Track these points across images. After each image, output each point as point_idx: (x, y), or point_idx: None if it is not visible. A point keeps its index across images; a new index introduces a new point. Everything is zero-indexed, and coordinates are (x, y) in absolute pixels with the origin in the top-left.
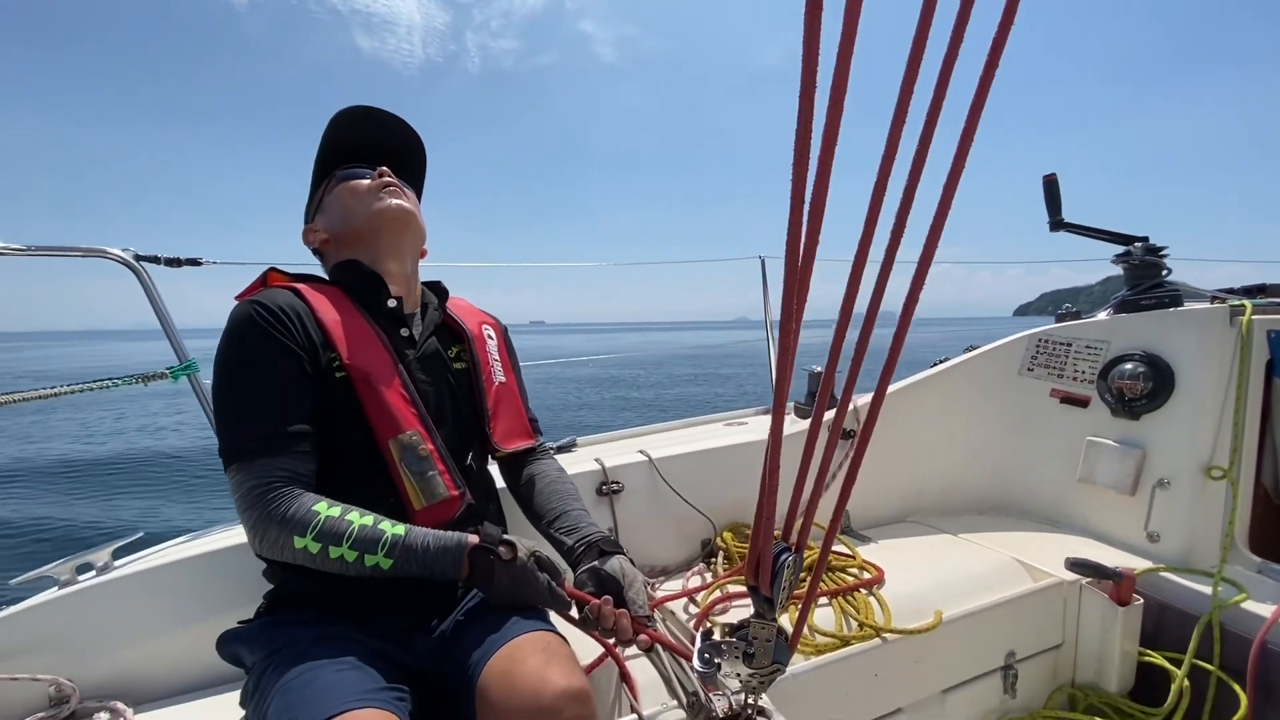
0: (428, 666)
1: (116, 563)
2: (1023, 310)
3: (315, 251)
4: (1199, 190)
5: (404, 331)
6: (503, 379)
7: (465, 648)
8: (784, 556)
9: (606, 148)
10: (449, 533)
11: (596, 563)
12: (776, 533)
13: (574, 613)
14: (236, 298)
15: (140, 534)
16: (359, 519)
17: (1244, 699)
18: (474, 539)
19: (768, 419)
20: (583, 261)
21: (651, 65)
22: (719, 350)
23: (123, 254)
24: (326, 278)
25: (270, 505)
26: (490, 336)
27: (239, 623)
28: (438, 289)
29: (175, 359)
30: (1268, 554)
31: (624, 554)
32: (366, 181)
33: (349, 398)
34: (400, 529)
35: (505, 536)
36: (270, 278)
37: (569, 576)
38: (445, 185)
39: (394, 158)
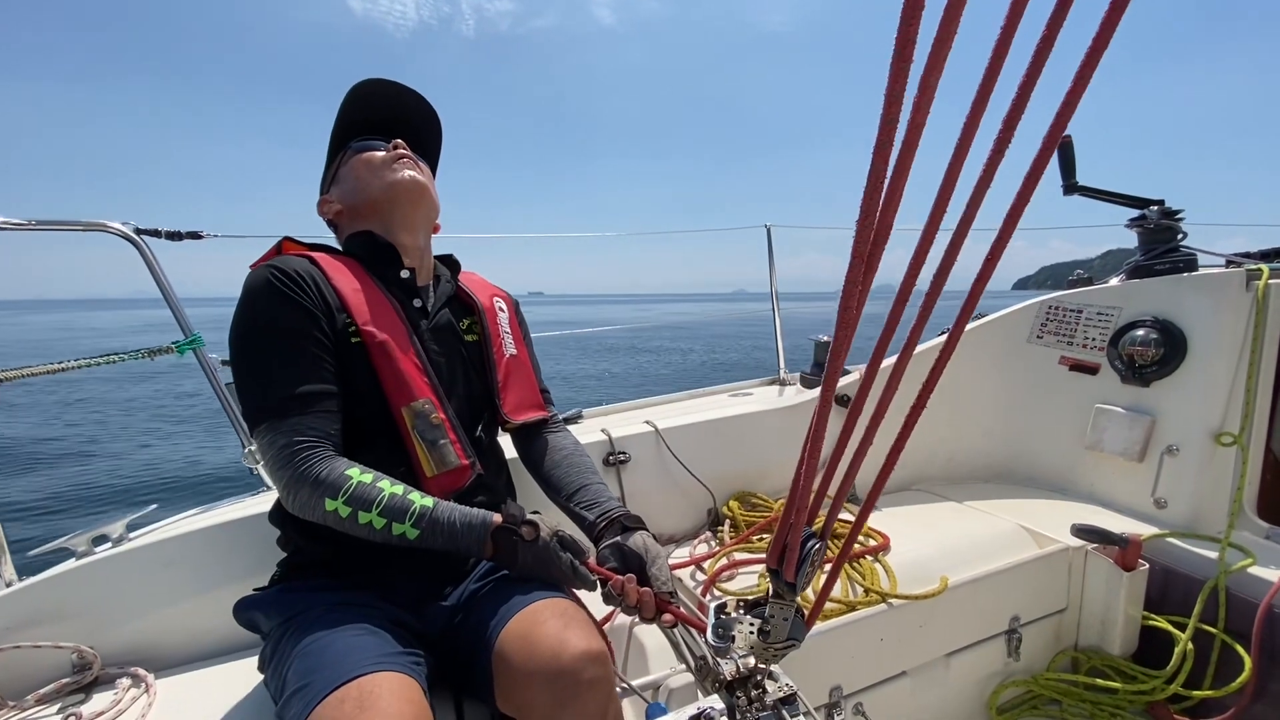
0: (441, 632)
1: (131, 534)
2: (1022, 284)
3: (330, 223)
4: (1216, 159)
5: (416, 303)
6: (514, 351)
7: (481, 613)
8: (810, 544)
9: (606, 113)
10: (475, 510)
11: (619, 538)
12: (784, 502)
13: (598, 590)
14: (252, 266)
15: (154, 506)
16: (390, 487)
17: (1248, 662)
18: (498, 518)
19: (773, 389)
20: (582, 232)
21: (652, 28)
22: (723, 321)
23: (123, 228)
24: (340, 249)
25: (302, 465)
26: (502, 309)
27: (255, 590)
28: (450, 262)
29: (180, 333)
30: (1276, 520)
31: (646, 529)
32: (381, 153)
33: (363, 363)
34: (429, 501)
35: (529, 516)
36: (285, 246)
37: (592, 554)
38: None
39: (410, 132)
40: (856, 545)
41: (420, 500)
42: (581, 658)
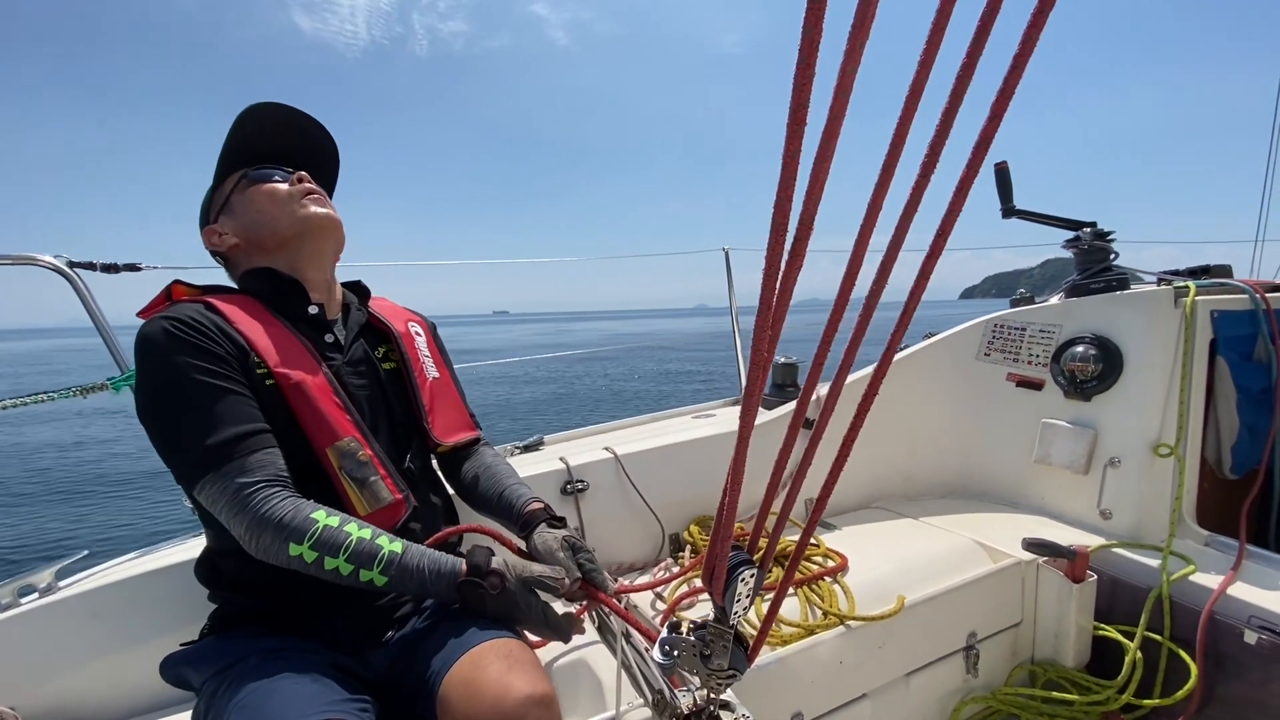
0: (386, 677)
1: (60, 584)
2: (968, 293)
3: (218, 255)
4: (1123, 175)
5: (329, 337)
6: (436, 374)
7: (425, 657)
8: (740, 570)
9: (563, 133)
10: (444, 557)
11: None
12: (743, 528)
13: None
14: (139, 314)
15: (85, 553)
16: (357, 531)
17: (1194, 669)
18: (464, 569)
19: (735, 410)
20: (544, 254)
21: (606, 50)
22: (687, 340)
23: (55, 261)
24: (234, 286)
25: (260, 508)
26: (418, 334)
27: (181, 645)
28: (358, 289)
29: (116, 369)
30: (1214, 527)
31: (555, 523)
32: (285, 186)
33: (281, 407)
34: (398, 546)
35: (494, 565)
36: (175, 291)
37: (567, 573)
38: (393, 175)
39: (309, 163)
40: (814, 567)
41: (389, 545)
42: (525, 702)
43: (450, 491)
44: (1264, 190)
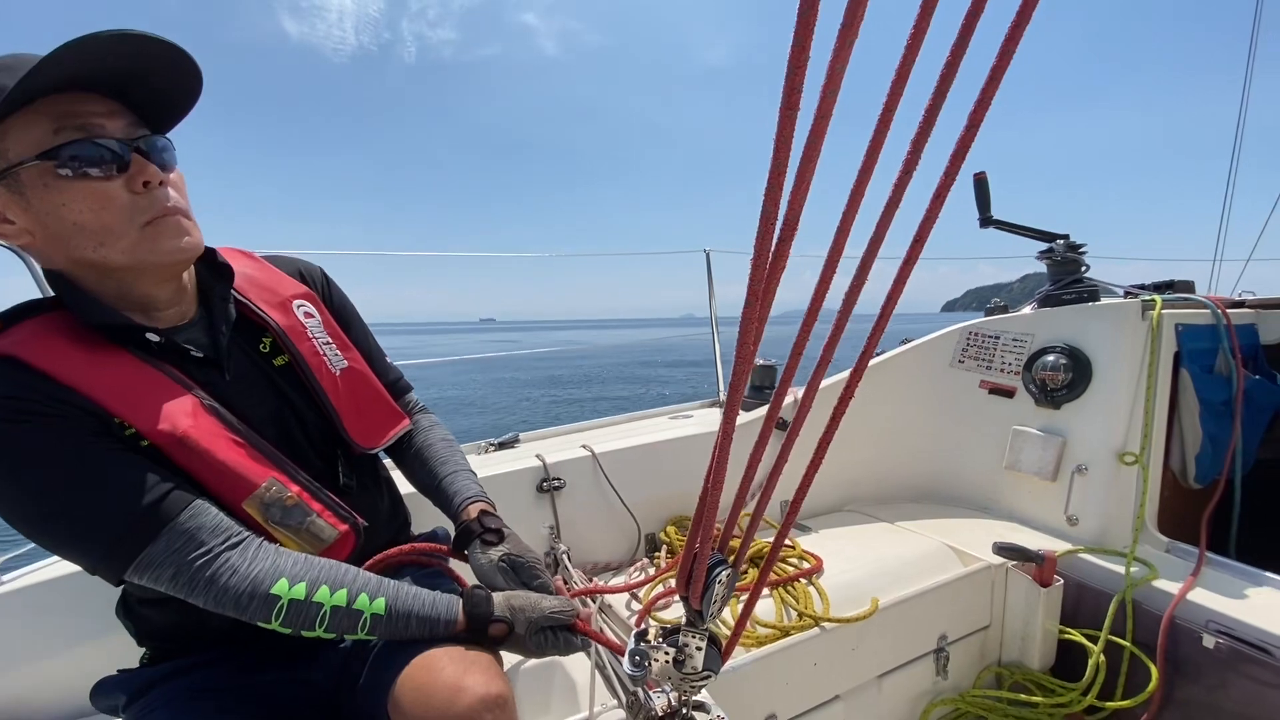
0: (337, 681)
1: (3, 578)
2: (950, 306)
3: None
4: (1097, 191)
5: (195, 352)
6: (344, 364)
7: (379, 658)
8: (718, 571)
9: (550, 140)
10: (436, 602)
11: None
12: (716, 530)
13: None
14: None
15: (31, 546)
16: (330, 599)
17: (1155, 672)
18: (461, 619)
19: (713, 412)
20: (531, 262)
21: (594, 60)
22: (670, 344)
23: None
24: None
25: (210, 590)
26: (309, 315)
27: (119, 671)
28: (216, 266)
29: None
30: (1176, 534)
31: (490, 537)
32: (123, 192)
33: (167, 467)
34: (380, 605)
35: (497, 615)
36: None
37: (559, 580)
38: (381, 180)
39: (162, 128)
40: (790, 569)
41: (370, 608)
42: (479, 704)
43: (396, 486)
44: (1222, 213)
